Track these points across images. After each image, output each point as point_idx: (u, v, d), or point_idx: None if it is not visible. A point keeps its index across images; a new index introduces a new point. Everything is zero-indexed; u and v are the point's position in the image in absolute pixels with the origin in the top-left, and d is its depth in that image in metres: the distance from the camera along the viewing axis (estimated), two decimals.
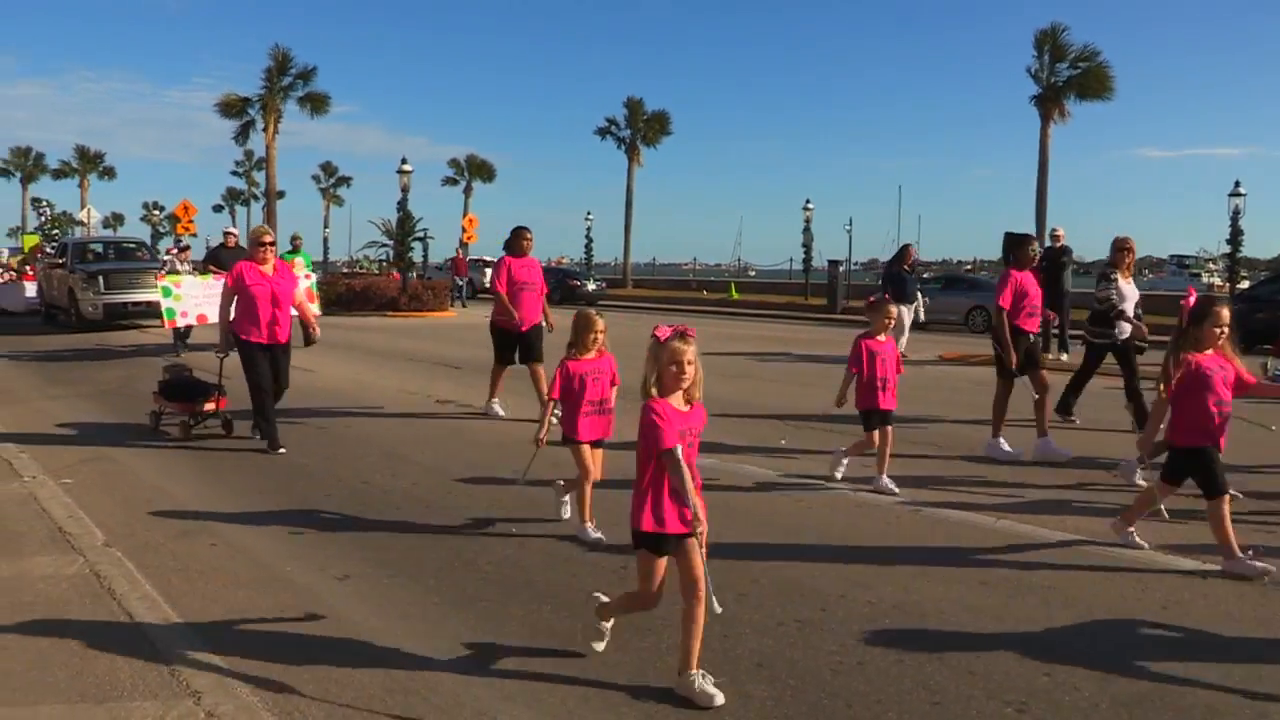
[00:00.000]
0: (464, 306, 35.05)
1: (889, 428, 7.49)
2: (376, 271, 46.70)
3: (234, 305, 9.08)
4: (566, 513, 6.48)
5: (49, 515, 6.70)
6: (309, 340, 9.64)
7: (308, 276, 18.04)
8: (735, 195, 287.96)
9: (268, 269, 9.06)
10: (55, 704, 3.98)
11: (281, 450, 8.74)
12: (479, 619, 4.89)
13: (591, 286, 40.27)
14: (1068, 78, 36.15)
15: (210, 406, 9.67)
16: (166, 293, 16.14)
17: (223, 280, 16.58)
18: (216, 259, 17.44)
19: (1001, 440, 8.72)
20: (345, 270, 59.69)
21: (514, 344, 10.45)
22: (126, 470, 8.31)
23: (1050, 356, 16.38)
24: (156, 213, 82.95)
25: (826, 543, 6.11)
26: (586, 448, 6.11)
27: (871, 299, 7.98)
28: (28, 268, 31.78)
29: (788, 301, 38.57)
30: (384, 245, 38.58)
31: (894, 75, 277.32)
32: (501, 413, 10.53)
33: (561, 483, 6.52)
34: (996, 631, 4.71)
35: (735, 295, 41.44)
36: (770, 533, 6.31)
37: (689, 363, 3.96)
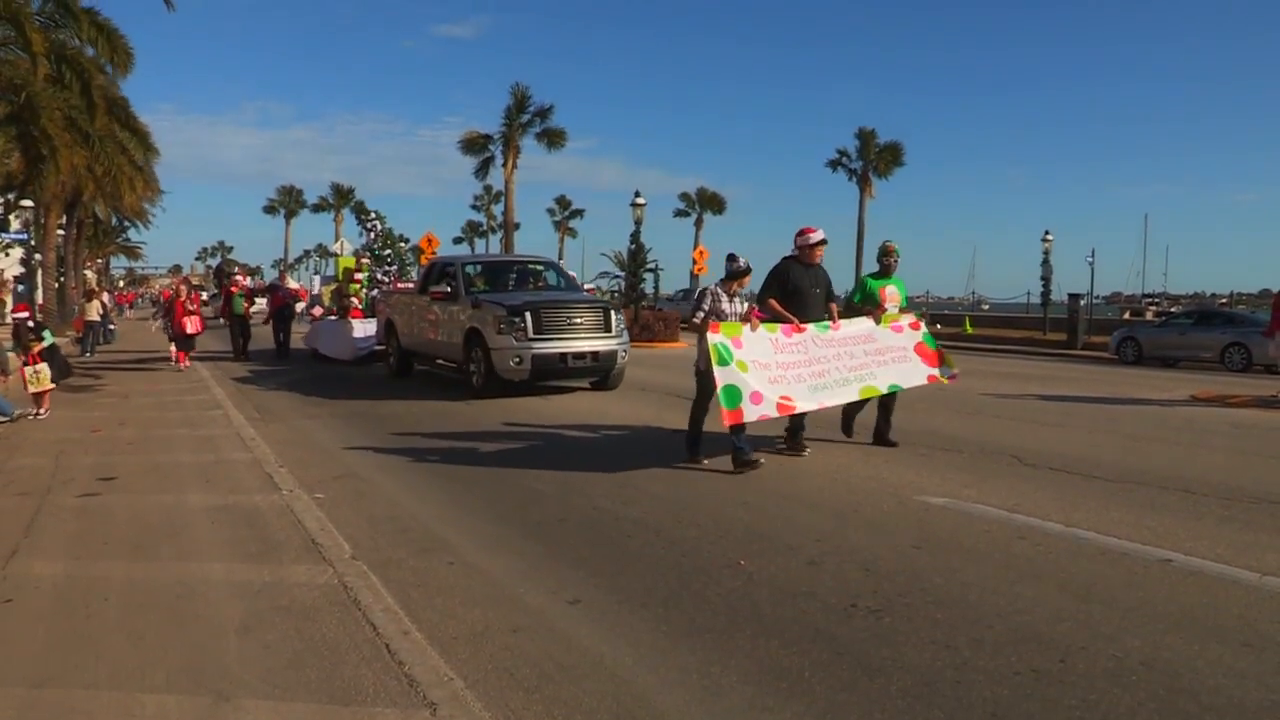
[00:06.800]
0: None
1: None
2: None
3: None
4: None
5: (303, 527, 7.18)
6: None
7: (914, 326, 10.80)
8: (969, 226, 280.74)
9: None
10: (309, 702, 4.24)
11: None
12: (706, 650, 4.84)
13: None
14: None
15: None
16: (723, 359, 8.86)
17: (798, 336, 9.56)
18: (785, 281, 10.01)
19: None
20: None
21: None
22: (373, 488, 8.77)
23: None
24: (402, 244, 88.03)
25: (1068, 590, 5.73)
26: None
27: None
28: (354, 300, 24.41)
29: (1025, 336, 37.00)
30: (615, 276, 39.44)
31: (1140, 96, 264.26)
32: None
33: None
34: (1265, 702, 4.23)
35: (970, 330, 40.04)
36: (1007, 576, 5.99)
37: None
